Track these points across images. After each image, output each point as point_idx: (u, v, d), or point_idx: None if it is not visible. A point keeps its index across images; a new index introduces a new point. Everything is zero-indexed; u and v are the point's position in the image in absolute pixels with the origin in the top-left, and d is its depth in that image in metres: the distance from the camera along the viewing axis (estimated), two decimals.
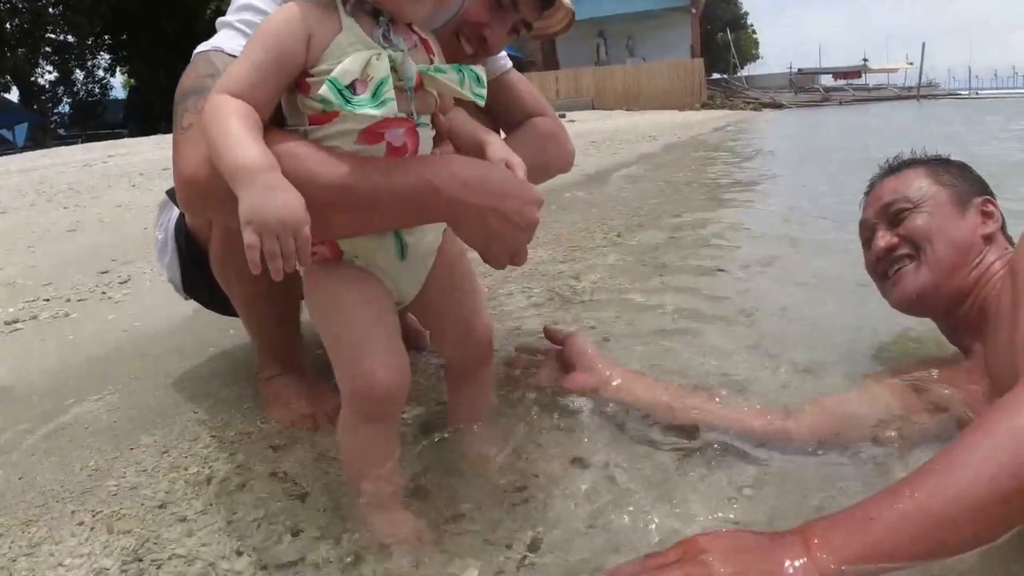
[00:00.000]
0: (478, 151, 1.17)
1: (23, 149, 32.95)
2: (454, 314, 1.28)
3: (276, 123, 1.06)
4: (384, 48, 1.02)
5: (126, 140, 17.80)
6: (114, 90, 42.21)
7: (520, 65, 30.58)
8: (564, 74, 30.42)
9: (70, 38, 35.66)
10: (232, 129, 0.95)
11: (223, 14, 1.30)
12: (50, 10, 33.58)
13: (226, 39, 1.22)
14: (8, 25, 31.73)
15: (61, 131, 37.07)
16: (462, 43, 1.40)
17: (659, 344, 1.97)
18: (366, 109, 0.97)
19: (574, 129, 14.99)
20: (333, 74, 0.96)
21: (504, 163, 1.14)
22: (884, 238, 1.50)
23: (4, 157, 19.73)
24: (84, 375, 2.06)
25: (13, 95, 35.19)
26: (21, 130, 35.57)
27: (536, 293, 2.56)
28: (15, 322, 2.65)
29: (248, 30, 1.22)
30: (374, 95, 0.97)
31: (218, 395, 1.80)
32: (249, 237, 0.88)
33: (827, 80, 46.55)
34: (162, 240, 1.74)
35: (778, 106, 30.71)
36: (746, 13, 55.29)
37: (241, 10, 1.25)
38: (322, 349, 1.84)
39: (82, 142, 33.24)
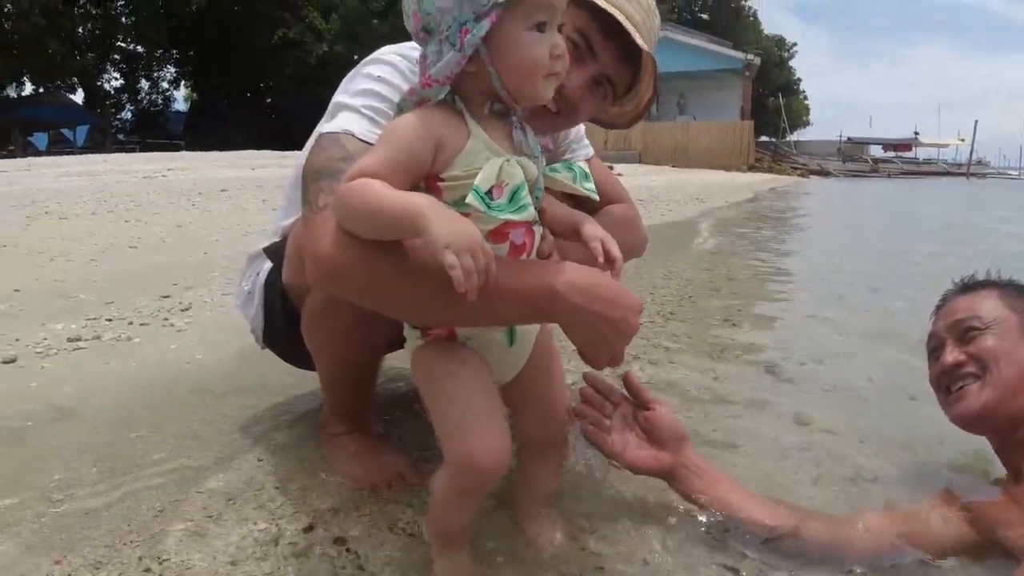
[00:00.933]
0: (572, 232, 1.23)
1: (82, 149, 34.08)
2: (540, 396, 1.33)
3: None
4: (511, 156, 1.07)
5: (185, 153, 18.26)
6: (176, 102, 43.40)
7: None
8: None
9: (139, 48, 36.89)
10: (387, 191, 1.01)
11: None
12: (123, 19, 34.82)
13: (354, 122, 1.26)
14: (80, 29, 32.93)
15: (121, 136, 38.19)
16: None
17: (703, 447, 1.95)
18: (507, 215, 1.03)
19: (623, 182, 14.96)
20: (477, 182, 1.01)
21: (599, 241, 1.19)
22: (952, 354, 1.51)
23: (64, 156, 20.40)
24: (147, 406, 2.09)
25: (78, 97, 36.43)
26: (82, 131, 36.71)
27: None
28: (78, 340, 2.71)
29: (374, 115, 1.26)
30: (511, 200, 1.03)
31: (282, 443, 1.82)
32: (449, 259, 0.93)
33: (876, 151, 46.33)
34: (248, 291, 1.77)
35: (825, 174, 30.62)
36: (799, 80, 55.43)
37: (363, 95, 1.30)
38: (388, 414, 1.90)
39: (140, 150, 34.29)
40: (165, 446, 1.81)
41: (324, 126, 1.31)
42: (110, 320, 2.96)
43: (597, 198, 1.19)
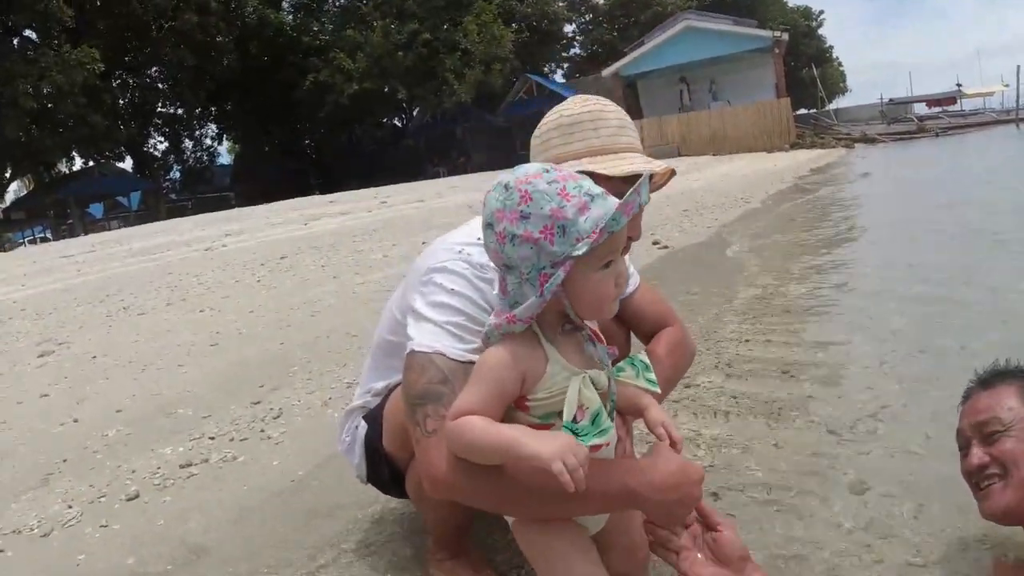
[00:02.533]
0: (636, 412, 1.44)
1: (137, 213, 35.46)
2: (622, 534, 1.50)
3: None
4: (584, 371, 1.26)
5: (237, 212, 18.86)
6: (220, 156, 44.89)
7: None
8: (648, 122, 30.57)
9: (179, 111, 38.23)
10: (486, 427, 1.23)
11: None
12: (159, 86, 36.17)
13: (443, 341, 1.44)
14: (121, 100, 34.29)
15: (172, 196, 39.60)
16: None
17: (764, 526, 2.08)
18: (593, 439, 1.22)
19: (662, 192, 14.79)
20: (565, 419, 1.22)
21: (662, 427, 1.38)
22: (976, 455, 1.62)
23: (123, 230, 21.29)
24: (268, 535, 2.30)
25: (127, 164, 37.92)
26: (135, 196, 38.25)
27: None
28: (189, 465, 2.96)
29: (458, 332, 1.45)
30: (593, 422, 1.23)
31: (397, 563, 2.01)
32: (558, 467, 1.14)
33: (920, 108, 44.97)
34: (349, 443, 1.97)
35: (871, 140, 29.89)
36: (831, 47, 54.25)
37: (442, 310, 1.47)
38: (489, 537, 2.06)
39: (191, 206, 35.53)
40: None
41: (412, 340, 1.48)
42: (212, 438, 3.21)
43: (659, 391, 1.37)
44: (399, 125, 41.77)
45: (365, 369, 1.96)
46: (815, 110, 40.88)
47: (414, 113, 40.06)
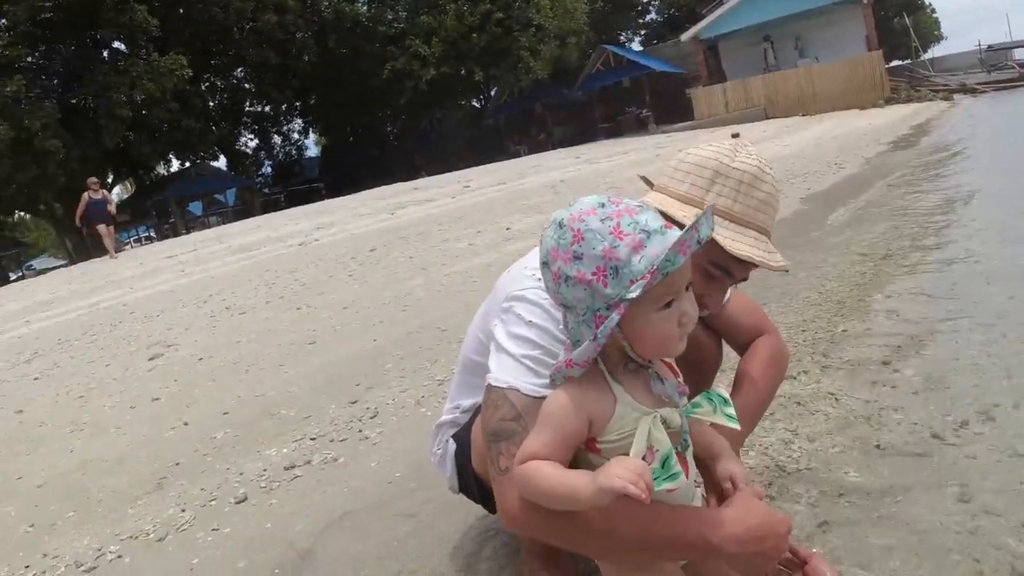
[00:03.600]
0: (709, 457, 1.41)
1: (234, 207, 36.97)
2: (715, 565, 1.43)
3: None
4: (655, 411, 1.22)
5: (326, 204, 19.38)
6: (308, 149, 46.23)
7: (684, 81, 29.83)
8: (732, 85, 29.63)
9: (267, 108, 39.49)
10: (553, 473, 1.21)
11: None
12: (246, 85, 37.43)
13: (519, 377, 1.43)
14: (211, 103, 35.66)
15: (265, 190, 41.09)
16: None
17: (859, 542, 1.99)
18: (663, 484, 1.18)
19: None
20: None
21: (730, 481, 1.36)
22: None
23: (222, 228, 22.19)
24: (370, 538, 2.38)
25: (221, 163, 39.51)
26: (231, 193, 39.88)
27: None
28: (293, 467, 3.07)
29: (534, 366, 1.43)
30: (664, 465, 1.19)
31: (492, 569, 2.04)
32: (619, 483, 1.10)
33: (1021, 54, 41.82)
34: (440, 456, 2.00)
35: (971, 91, 28.07)
36: None
37: (520, 343, 1.46)
38: None
39: (284, 199, 36.77)
40: None
41: (490, 373, 1.48)
42: (313, 439, 3.32)
43: (738, 427, 1.31)
44: (477, 106, 41.90)
45: (453, 384, 1.99)
46: (909, 61, 38.74)
47: (492, 93, 40.07)
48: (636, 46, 43.47)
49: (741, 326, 1.87)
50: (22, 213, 38.49)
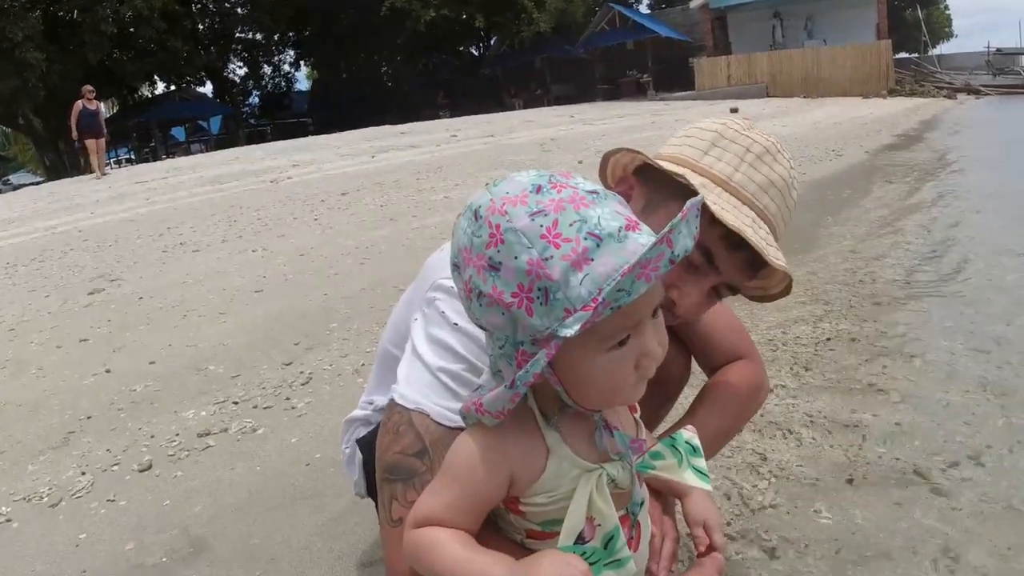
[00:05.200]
0: (675, 495, 1.12)
1: (218, 136, 36.10)
2: None
3: None
4: (600, 467, 0.90)
5: (310, 142, 18.80)
6: (298, 82, 45.07)
7: (689, 49, 29.34)
8: (737, 59, 29.04)
9: (258, 36, 38.31)
10: (459, 556, 0.88)
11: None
12: (238, 11, 36.22)
13: (428, 395, 1.13)
14: (200, 26, 34.56)
15: (251, 121, 40.13)
16: None
17: None
18: (603, 573, 0.87)
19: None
20: (561, 542, 0.86)
21: (702, 528, 1.05)
22: None
23: (200, 156, 21.59)
24: (269, 529, 2.11)
25: (207, 89, 38.46)
26: (216, 121, 38.93)
27: None
28: (207, 434, 2.78)
29: (450, 383, 1.12)
30: (607, 546, 0.87)
31: None
32: None
33: None
34: (349, 455, 1.70)
35: (975, 92, 27.69)
36: None
37: (439, 350, 1.15)
38: None
39: (271, 132, 35.90)
40: None
41: (396, 385, 1.17)
42: (236, 403, 3.03)
43: (709, 487, 0.99)
44: (476, 54, 40.91)
45: (371, 375, 1.67)
46: (916, 55, 38.17)
47: (491, 42, 39.11)
48: (644, 9, 42.40)
49: (718, 345, 1.51)
50: (2, 127, 37.45)
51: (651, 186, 1.24)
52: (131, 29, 27.14)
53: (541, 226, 0.78)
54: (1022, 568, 1.64)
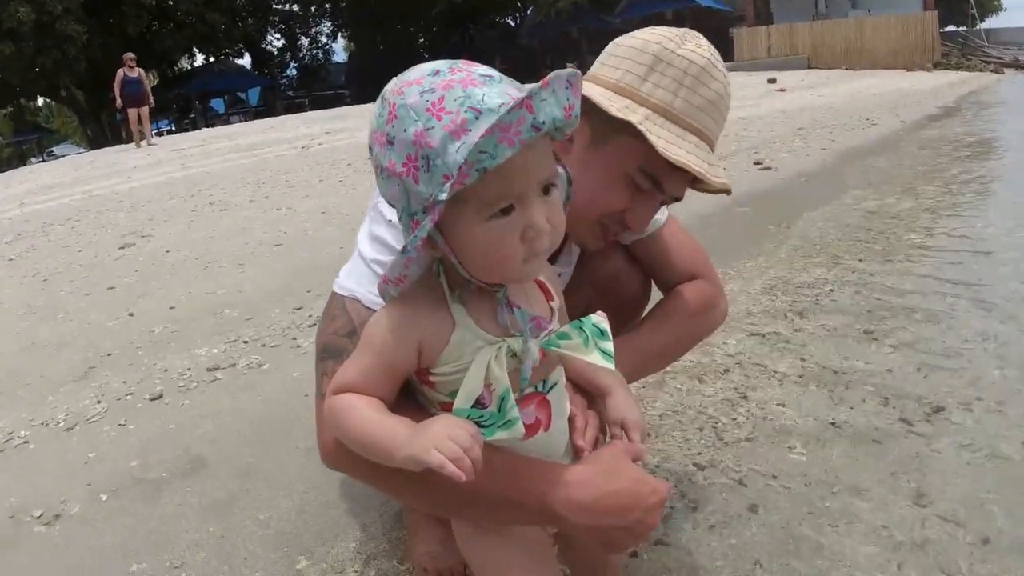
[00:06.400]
0: (597, 394, 1.16)
1: (257, 107, 36.45)
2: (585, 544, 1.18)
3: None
4: (503, 340, 0.96)
5: (347, 111, 18.92)
6: (336, 54, 45.21)
7: (729, 19, 28.69)
8: (777, 29, 28.44)
9: (295, 8, 38.50)
10: (371, 417, 0.96)
11: None
12: None
13: (363, 283, 1.20)
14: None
15: (289, 93, 40.44)
16: (603, 230, 1.35)
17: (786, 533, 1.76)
18: (497, 434, 0.94)
19: (783, 101, 13.82)
20: (457, 404, 0.93)
21: (620, 427, 1.11)
22: None
23: (238, 126, 21.86)
24: (265, 455, 2.21)
25: (246, 61, 38.80)
26: (254, 92, 39.28)
27: None
28: (216, 368, 2.90)
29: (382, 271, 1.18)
30: (500, 409, 0.93)
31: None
32: (436, 458, 0.86)
33: None
34: None
35: (1022, 67, 26.77)
36: None
37: (375, 244, 1.23)
38: None
39: (308, 103, 36.14)
40: (274, 512, 1.91)
41: (338, 277, 1.26)
42: (246, 343, 3.14)
43: (612, 366, 1.00)
44: (512, 25, 40.63)
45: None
46: (964, 28, 36.95)
47: (528, 12, 38.78)
48: None
49: (673, 264, 1.55)
50: (46, 99, 38.20)
51: (594, 116, 1.26)
52: (170, 2, 27.46)
53: (428, 101, 0.84)
54: (998, 513, 1.64)
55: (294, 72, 42.49)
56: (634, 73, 1.27)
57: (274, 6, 37.74)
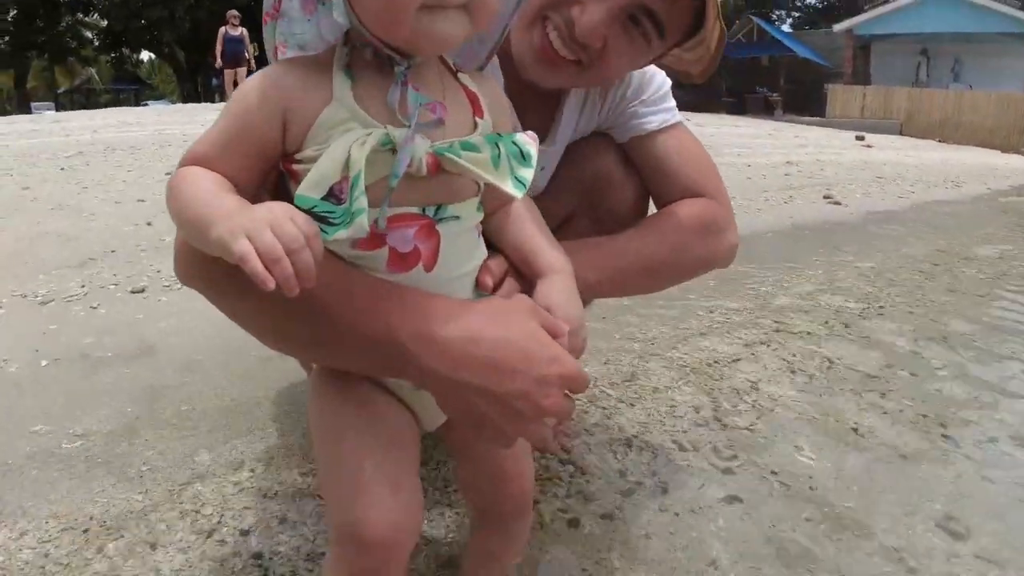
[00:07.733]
0: (527, 272, 0.89)
1: None
2: (485, 454, 0.94)
3: None
4: (382, 126, 0.73)
5: None
6: None
7: (826, 74, 28.09)
8: (873, 91, 27.67)
9: None
10: (203, 189, 0.73)
11: None
12: None
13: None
14: None
15: None
16: (543, 40, 1.05)
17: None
18: (339, 232, 0.69)
19: (867, 154, 13.31)
20: (300, 190, 0.70)
21: (547, 310, 0.82)
22: None
23: None
24: (214, 352, 2.05)
25: None
26: None
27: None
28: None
29: None
30: (352, 200, 0.69)
31: None
32: (239, 247, 0.62)
33: None
34: None
35: None
36: None
37: None
38: None
39: None
40: (196, 400, 1.76)
41: None
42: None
43: (519, 195, 0.78)
44: None
45: None
46: None
47: None
48: (786, 27, 41.04)
49: (674, 176, 1.23)
50: (149, 56, 39.63)
51: None
52: None
53: None
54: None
55: None
56: None
57: None
